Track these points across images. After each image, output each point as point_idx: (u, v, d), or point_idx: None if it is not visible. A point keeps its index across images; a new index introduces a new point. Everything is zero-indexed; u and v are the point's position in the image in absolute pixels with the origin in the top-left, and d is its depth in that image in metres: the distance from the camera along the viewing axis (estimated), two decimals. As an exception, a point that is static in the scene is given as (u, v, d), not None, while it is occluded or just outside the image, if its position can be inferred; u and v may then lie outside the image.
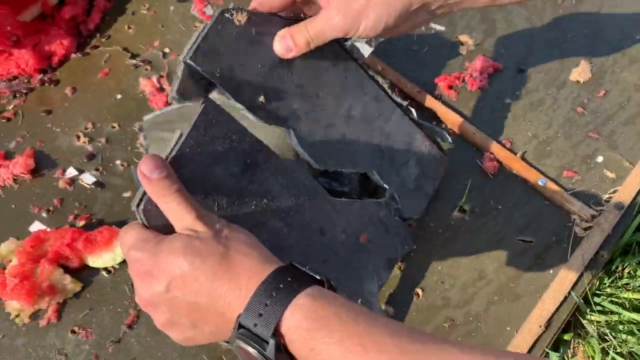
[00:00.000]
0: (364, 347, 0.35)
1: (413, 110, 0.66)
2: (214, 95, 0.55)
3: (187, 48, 0.49)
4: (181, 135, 0.45)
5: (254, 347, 0.38)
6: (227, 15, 0.50)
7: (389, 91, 0.63)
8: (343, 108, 0.59)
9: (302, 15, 0.56)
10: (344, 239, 0.59)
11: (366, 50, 0.60)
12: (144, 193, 0.44)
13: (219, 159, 0.47)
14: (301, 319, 0.37)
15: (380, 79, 0.64)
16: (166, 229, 0.44)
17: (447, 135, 0.70)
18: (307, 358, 0.37)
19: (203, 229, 0.42)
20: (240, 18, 0.51)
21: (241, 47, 0.51)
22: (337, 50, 0.58)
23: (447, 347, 0.35)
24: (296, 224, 0.54)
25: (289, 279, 0.39)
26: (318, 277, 0.41)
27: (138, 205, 0.44)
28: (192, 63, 0.48)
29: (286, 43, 0.52)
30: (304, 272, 0.41)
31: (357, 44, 0.59)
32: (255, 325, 0.38)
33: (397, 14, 0.51)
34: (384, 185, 0.64)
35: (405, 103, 0.65)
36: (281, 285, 0.39)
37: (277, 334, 0.38)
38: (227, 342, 0.49)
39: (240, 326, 0.39)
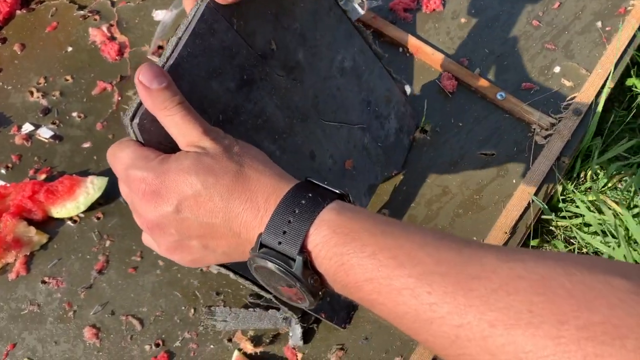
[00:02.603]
0: (397, 259, 0.33)
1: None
2: None
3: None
4: (178, 42, 0.41)
5: (280, 266, 0.36)
6: None
7: (372, 43, 0.61)
8: (336, 60, 0.57)
9: None
10: (332, 164, 0.59)
11: (356, 13, 0.58)
12: (140, 105, 0.40)
13: (216, 72, 0.44)
14: (328, 234, 0.35)
15: (364, 30, 0.61)
16: (161, 146, 0.41)
17: (410, 87, 0.69)
18: (336, 273, 0.35)
19: (211, 145, 0.39)
20: None
21: None
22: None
23: (482, 254, 0.32)
24: (288, 147, 0.53)
25: (310, 195, 0.37)
26: (338, 192, 0.39)
27: (132, 119, 0.40)
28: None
29: None
30: (323, 187, 0.39)
31: (349, 6, 0.57)
32: (280, 243, 0.36)
33: None
34: (377, 141, 0.64)
35: (386, 55, 0.63)
36: (303, 202, 0.36)
37: (303, 250, 0.36)
38: (226, 266, 0.48)
39: (262, 245, 0.37)
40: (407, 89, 0.70)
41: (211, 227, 0.38)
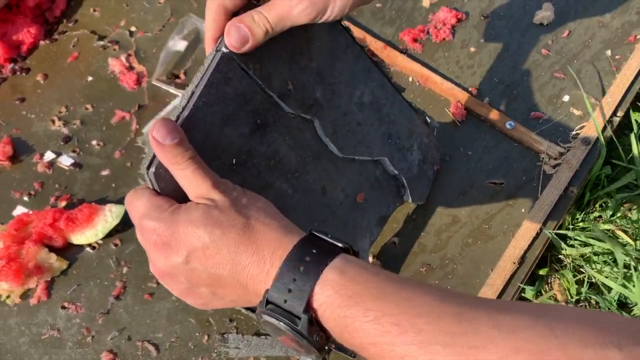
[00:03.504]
0: (400, 326, 0.34)
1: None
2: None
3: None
4: (192, 93, 0.42)
5: (286, 324, 0.37)
6: None
7: (390, 77, 0.62)
8: (355, 96, 0.58)
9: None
10: (343, 198, 0.60)
11: None
12: (155, 155, 0.41)
13: (230, 119, 0.45)
14: (332, 296, 0.36)
15: (382, 64, 0.63)
16: (177, 193, 0.42)
17: (434, 120, 0.71)
18: (342, 333, 0.37)
19: (220, 198, 0.40)
20: None
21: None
22: (346, 36, 0.55)
23: (480, 323, 0.33)
24: (300, 185, 0.54)
25: (314, 251, 0.38)
26: (341, 246, 0.40)
27: (148, 167, 0.41)
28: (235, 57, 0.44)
29: (240, 33, 0.42)
30: (327, 241, 0.40)
31: None
32: (286, 301, 0.37)
33: None
34: (395, 172, 0.64)
35: (404, 89, 0.64)
36: (307, 259, 0.38)
37: (308, 308, 0.37)
38: (249, 309, 0.49)
39: (267, 302, 0.38)
40: (435, 122, 0.71)
41: (219, 278, 0.40)
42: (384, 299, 0.36)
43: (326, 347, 0.39)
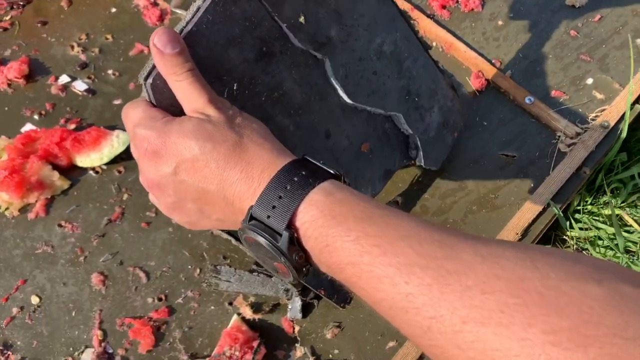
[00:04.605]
0: (380, 247, 0.34)
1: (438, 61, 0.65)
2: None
3: None
4: (198, 9, 0.41)
5: (266, 239, 0.37)
6: None
7: (417, 31, 0.60)
8: (375, 42, 0.56)
9: None
10: (347, 145, 0.58)
11: None
12: (154, 66, 0.41)
13: (234, 41, 0.44)
14: (316, 215, 0.36)
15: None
16: (173, 108, 0.42)
17: (463, 87, 0.69)
18: (321, 253, 0.36)
19: (215, 114, 0.40)
20: None
21: None
22: None
23: (463, 248, 0.32)
24: (303, 123, 0.52)
25: (304, 173, 0.38)
26: (332, 172, 0.39)
27: (146, 78, 0.41)
28: None
29: None
30: (318, 166, 0.39)
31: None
32: (269, 217, 0.37)
33: None
34: (409, 130, 0.63)
35: (430, 46, 0.62)
36: (295, 179, 0.37)
37: (290, 226, 0.37)
38: (229, 232, 0.48)
39: (251, 217, 0.38)
40: (463, 89, 0.69)
41: (206, 192, 0.40)
42: (368, 221, 0.35)
43: (304, 269, 0.39)
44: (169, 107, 0.42)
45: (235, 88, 0.45)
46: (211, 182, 0.39)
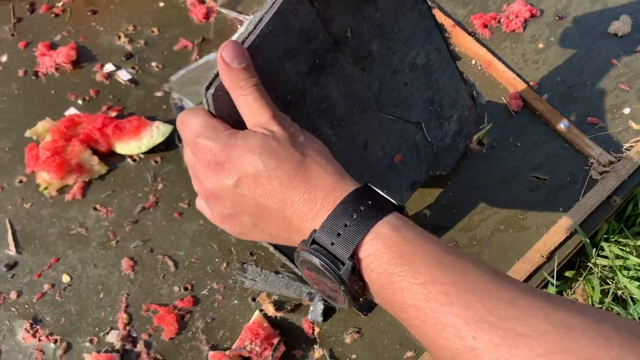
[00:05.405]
0: (449, 296, 0.33)
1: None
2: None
3: None
4: (260, 20, 0.42)
5: (327, 265, 0.37)
6: None
7: (449, 43, 0.61)
8: (410, 55, 0.57)
9: None
10: (382, 156, 0.59)
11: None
12: (216, 76, 0.41)
13: (291, 53, 0.44)
14: (382, 249, 0.36)
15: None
16: (230, 118, 0.42)
17: (482, 96, 0.69)
18: (383, 289, 0.36)
19: (279, 130, 0.40)
20: None
21: None
22: None
23: (534, 311, 0.32)
24: (344, 134, 0.53)
25: (369, 202, 0.37)
26: (396, 203, 0.39)
27: (207, 88, 0.41)
28: None
29: None
30: (382, 196, 0.39)
31: None
32: (332, 244, 0.36)
33: None
34: (428, 139, 0.64)
35: (459, 57, 0.63)
36: (362, 208, 0.37)
37: (353, 256, 0.36)
38: (280, 250, 0.48)
39: (313, 241, 0.38)
40: (482, 99, 0.70)
41: (265, 208, 0.40)
42: (437, 266, 0.34)
43: (360, 299, 0.39)
44: (227, 117, 0.42)
45: (287, 99, 0.46)
46: (272, 199, 0.39)
